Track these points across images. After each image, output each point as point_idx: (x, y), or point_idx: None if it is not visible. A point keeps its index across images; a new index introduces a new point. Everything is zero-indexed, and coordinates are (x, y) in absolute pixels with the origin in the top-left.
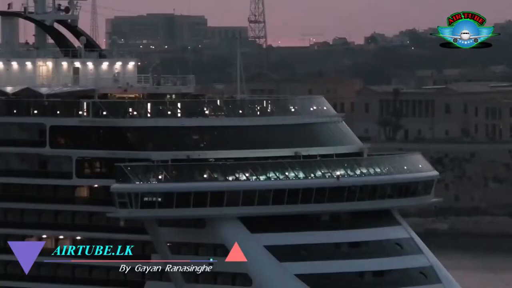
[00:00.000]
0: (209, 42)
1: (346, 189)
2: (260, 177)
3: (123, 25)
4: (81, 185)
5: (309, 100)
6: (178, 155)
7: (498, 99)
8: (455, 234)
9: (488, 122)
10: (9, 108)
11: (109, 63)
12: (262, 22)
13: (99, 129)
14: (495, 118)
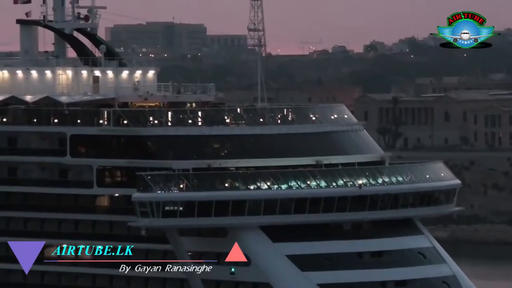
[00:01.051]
0: (208, 50)
1: (368, 198)
2: (282, 186)
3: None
4: (101, 194)
5: (330, 108)
6: (199, 164)
7: (498, 107)
8: (455, 242)
9: (488, 130)
10: (29, 117)
11: (129, 71)
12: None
13: (119, 138)
14: (495, 126)
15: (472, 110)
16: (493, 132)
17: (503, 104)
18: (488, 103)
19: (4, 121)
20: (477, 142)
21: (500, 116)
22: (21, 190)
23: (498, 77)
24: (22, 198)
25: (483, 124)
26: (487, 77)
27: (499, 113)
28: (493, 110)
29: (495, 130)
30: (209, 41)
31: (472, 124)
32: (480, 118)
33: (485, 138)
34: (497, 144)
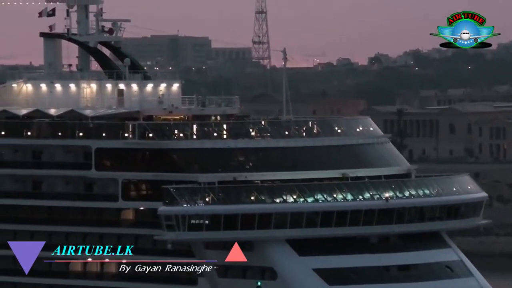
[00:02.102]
0: (213, 63)
1: (395, 211)
2: (308, 199)
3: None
4: (126, 207)
5: (355, 121)
6: (225, 177)
7: (502, 119)
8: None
9: (492, 142)
10: (54, 130)
11: (153, 84)
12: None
13: (145, 151)
14: (499, 138)
15: (477, 122)
16: (498, 144)
17: (508, 116)
18: (493, 115)
19: (28, 135)
20: (482, 154)
21: (505, 128)
22: (45, 204)
23: (503, 89)
24: (46, 212)
25: (488, 136)
26: (492, 89)
27: (504, 125)
28: (498, 122)
29: (500, 142)
30: (213, 54)
31: (477, 136)
32: (485, 130)
33: (490, 150)
34: (502, 156)
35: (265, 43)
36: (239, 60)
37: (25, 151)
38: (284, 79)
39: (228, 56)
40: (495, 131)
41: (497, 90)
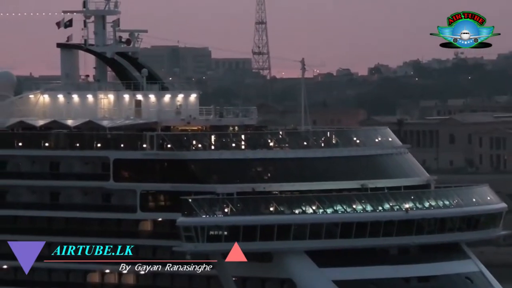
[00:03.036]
0: (213, 74)
1: (415, 222)
2: (327, 210)
3: None
4: (145, 218)
5: (374, 131)
6: (243, 187)
7: (503, 130)
8: None
9: (493, 152)
10: (71, 141)
11: (171, 95)
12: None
13: (163, 162)
14: (500, 148)
15: (477, 133)
16: (498, 155)
17: (508, 126)
18: (493, 126)
19: (46, 146)
20: (482, 164)
21: (505, 139)
22: (63, 215)
23: (503, 100)
24: (64, 223)
25: (488, 146)
26: (492, 99)
27: (504, 136)
28: (498, 132)
29: (500, 152)
30: (213, 64)
31: (477, 147)
32: (485, 140)
33: (490, 161)
34: (502, 167)
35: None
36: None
37: (43, 162)
38: (303, 90)
39: (228, 66)
40: (495, 141)
41: (497, 100)
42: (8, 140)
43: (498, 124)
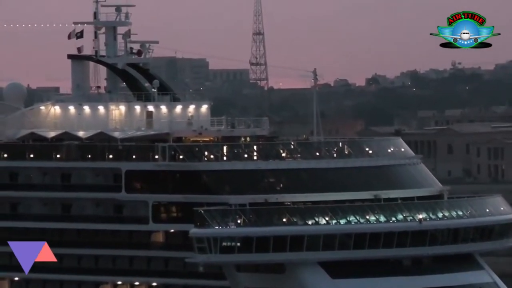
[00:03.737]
0: (211, 84)
1: (429, 233)
2: (340, 221)
3: None
4: (157, 230)
5: (386, 142)
6: (256, 198)
7: (500, 140)
8: None
9: (491, 162)
10: (83, 153)
11: (182, 106)
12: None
13: (175, 173)
14: (498, 158)
15: (475, 143)
16: (496, 165)
17: (506, 136)
18: (491, 136)
19: (57, 157)
20: (480, 174)
21: (503, 149)
22: (75, 226)
23: (501, 110)
24: (76, 235)
25: (486, 156)
26: (489, 109)
27: (502, 146)
28: (496, 142)
29: (498, 162)
30: (211, 75)
31: (475, 157)
32: (483, 150)
33: (488, 171)
34: (500, 177)
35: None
36: (236, 81)
37: (54, 174)
38: (315, 100)
39: (226, 77)
40: (493, 152)
41: (494, 111)
42: (19, 152)
43: (496, 134)
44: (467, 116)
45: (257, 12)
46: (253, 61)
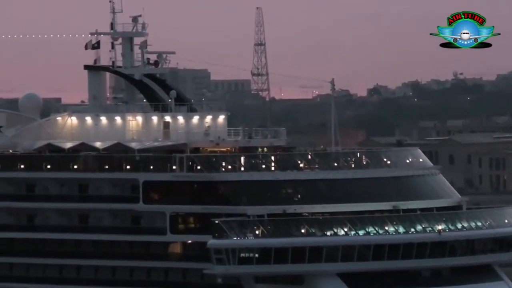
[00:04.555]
0: (212, 95)
1: (448, 244)
2: (359, 232)
3: None
4: (174, 241)
5: (404, 152)
6: (274, 209)
7: (502, 150)
8: None
9: (492, 172)
10: (100, 163)
11: (199, 117)
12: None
13: (193, 184)
14: (499, 168)
15: (476, 153)
16: (498, 175)
17: (507, 147)
18: (492, 146)
19: (74, 168)
20: (482, 185)
21: (504, 159)
22: (92, 238)
23: (502, 120)
24: (93, 246)
25: (488, 167)
26: (491, 120)
27: (504, 156)
28: (498, 153)
29: (500, 173)
30: (213, 86)
31: (476, 167)
32: (484, 161)
33: (490, 181)
34: (502, 187)
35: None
36: (238, 92)
37: (71, 185)
38: (333, 111)
39: (228, 88)
40: (495, 162)
41: (496, 121)
42: (36, 163)
43: (497, 144)
44: (468, 126)
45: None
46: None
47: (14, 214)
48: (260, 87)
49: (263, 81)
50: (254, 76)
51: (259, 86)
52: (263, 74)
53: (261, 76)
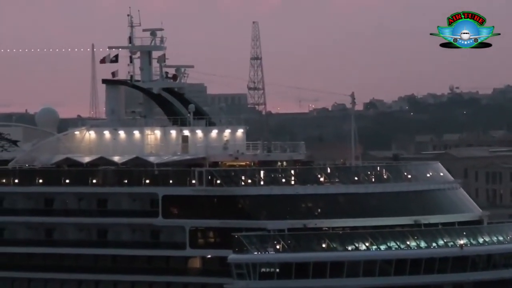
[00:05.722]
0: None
1: (470, 258)
2: (381, 247)
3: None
4: (194, 255)
5: (425, 166)
6: (295, 224)
7: (498, 164)
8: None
9: (489, 186)
10: (119, 178)
11: (218, 130)
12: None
13: (212, 198)
14: (496, 182)
15: (473, 167)
16: (494, 189)
17: (504, 161)
18: (489, 160)
19: (93, 183)
20: (478, 199)
21: (501, 173)
22: (111, 252)
23: (499, 134)
24: (112, 261)
25: (484, 181)
26: (487, 134)
27: (500, 170)
28: (494, 167)
29: (496, 187)
30: (209, 100)
31: (473, 181)
32: (481, 175)
33: (487, 195)
34: (499, 201)
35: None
36: (234, 106)
37: (90, 199)
38: (353, 125)
39: (224, 101)
40: (491, 176)
41: (492, 135)
42: (54, 177)
43: (494, 158)
44: (465, 140)
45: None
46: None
47: (33, 229)
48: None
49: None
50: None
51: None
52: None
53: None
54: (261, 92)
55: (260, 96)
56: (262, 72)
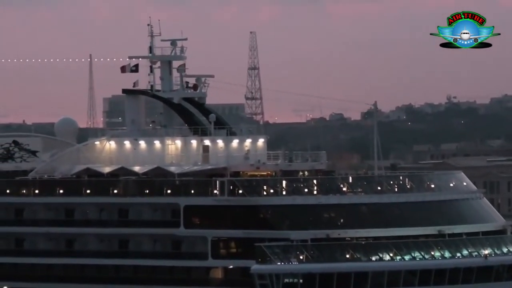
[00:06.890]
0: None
1: (494, 268)
2: (405, 257)
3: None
4: (216, 266)
5: (448, 176)
6: (317, 234)
7: (496, 173)
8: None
9: (486, 196)
10: (141, 188)
11: (239, 140)
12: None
13: (234, 208)
14: (493, 192)
15: (470, 177)
16: (492, 199)
17: (501, 170)
18: (486, 170)
19: (115, 193)
20: None
21: (499, 183)
22: (132, 263)
23: (496, 144)
24: (133, 271)
25: None
26: (485, 143)
27: (498, 180)
28: (492, 176)
29: (494, 196)
30: None
31: None
32: (478, 184)
33: None
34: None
35: (258, 99)
36: (232, 116)
37: (111, 210)
38: (375, 134)
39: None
40: (489, 185)
41: (490, 145)
42: (75, 188)
43: (491, 168)
44: (462, 150)
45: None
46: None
47: (53, 240)
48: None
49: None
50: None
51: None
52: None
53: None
54: (259, 102)
55: (257, 106)
56: (259, 82)
